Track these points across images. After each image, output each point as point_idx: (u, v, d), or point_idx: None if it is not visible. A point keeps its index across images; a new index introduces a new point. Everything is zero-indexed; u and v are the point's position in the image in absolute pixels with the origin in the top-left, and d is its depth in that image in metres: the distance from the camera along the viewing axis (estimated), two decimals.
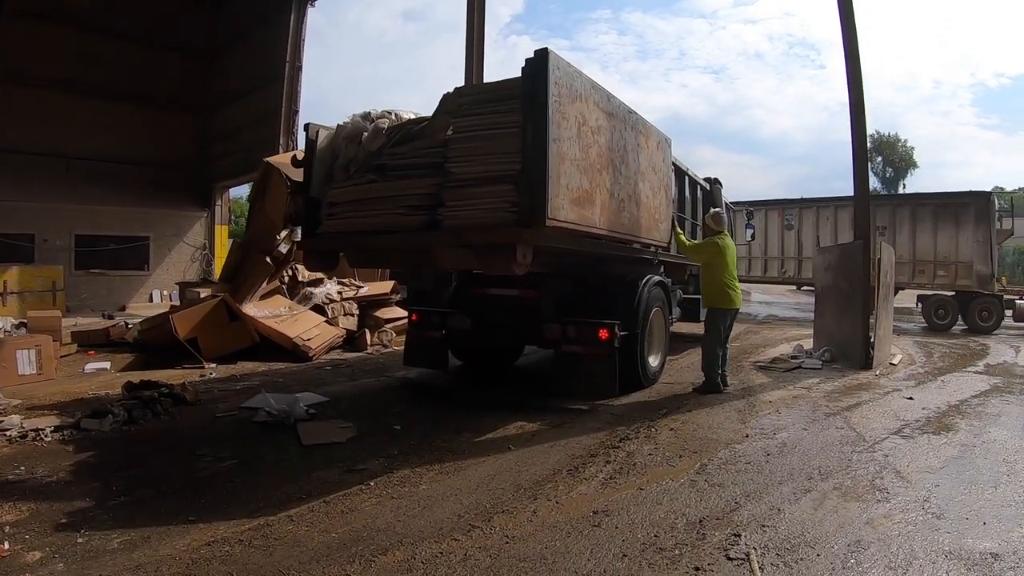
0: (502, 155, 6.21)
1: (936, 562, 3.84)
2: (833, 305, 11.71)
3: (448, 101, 6.84)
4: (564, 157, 6.32)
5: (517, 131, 6.14)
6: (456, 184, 6.46)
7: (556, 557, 3.88)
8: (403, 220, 6.72)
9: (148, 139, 21.49)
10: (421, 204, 6.64)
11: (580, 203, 6.67)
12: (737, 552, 3.94)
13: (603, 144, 7.19)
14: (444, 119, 6.80)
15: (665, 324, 9.42)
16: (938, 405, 7.93)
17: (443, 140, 6.69)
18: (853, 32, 10.46)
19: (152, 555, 3.91)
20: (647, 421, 7.01)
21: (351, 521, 4.43)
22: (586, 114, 6.79)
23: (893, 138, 64.40)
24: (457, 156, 6.49)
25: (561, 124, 6.26)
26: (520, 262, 6.16)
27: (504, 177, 6.18)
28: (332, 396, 8.07)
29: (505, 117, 6.25)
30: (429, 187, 6.61)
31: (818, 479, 5.26)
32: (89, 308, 18.37)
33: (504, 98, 6.36)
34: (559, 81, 6.22)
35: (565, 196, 6.35)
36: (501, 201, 6.15)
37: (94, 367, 9.97)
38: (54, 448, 6.02)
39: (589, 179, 6.87)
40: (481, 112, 6.46)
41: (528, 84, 6.14)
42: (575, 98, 6.56)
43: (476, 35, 14.01)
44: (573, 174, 6.51)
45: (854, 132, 10.60)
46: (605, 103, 7.26)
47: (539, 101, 6.03)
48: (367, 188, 7.08)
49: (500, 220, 6.16)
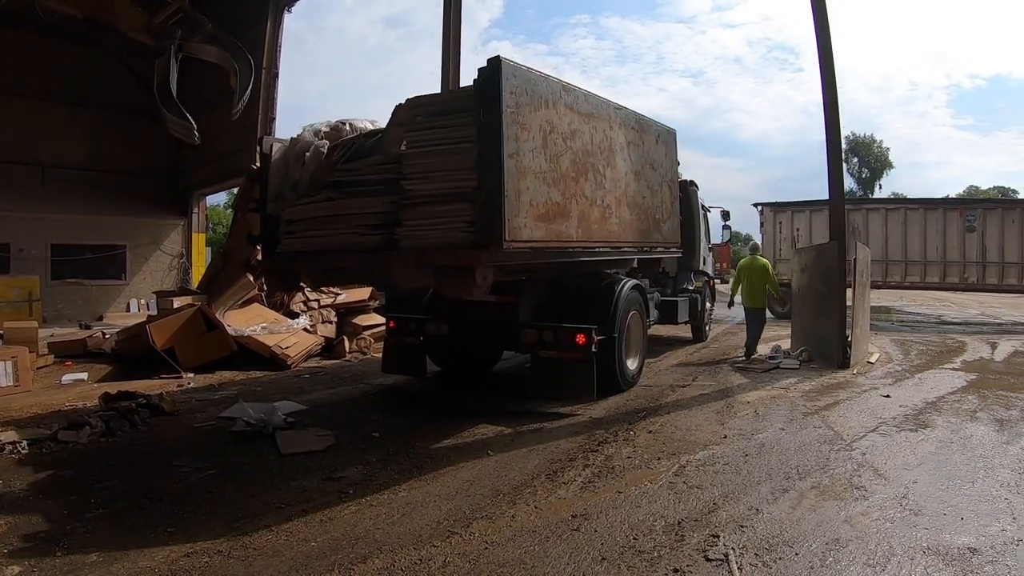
0: (457, 172, 6.06)
1: (914, 558, 3.89)
2: (810, 305, 11.78)
3: (401, 113, 6.65)
4: (525, 172, 6.15)
5: (471, 146, 5.96)
6: (412, 202, 6.31)
7: (535, 562, 3.90)
8: (360, 240, 6.58)
9: (124, 147, 21.21)
10: (378, 223, 6.50)
11: (550, 218, 6.53)
12: (716, 553, 3.97)
13: (579, 149, 7.06)
14: (397, 132, 6.63)
15: (643, 327, 9.44)
16: (915, 402, 8.00)
17: (397, 155, 6.51)
18: (827, 34, 10.54)
19: (131, 568, 3.89)
20: (626, 424, 7.03)
21: (330, 530, 4.43)
22: (554, 120, 6.62)
23: (868, 139, 64.83)
24: (412, 173, 6.31)
25: (520, 136, 6.08)
26: (479, 284, 6.03)
27: (459, 195, 6.04)
28: (310, 404, 8.05)
29: (459, 131, 6.09)
30: (385, 205, 6.46)
31: (796, 478, 5.31)
32: (66, 318, 18.15)
33: (458, 110, 6.19)
34: (516, 89, 6.04)
35: (529, 213, 6.19)
36: (457, 220, 6.02)
37: (71, 378, 9.87)
38: (31, 460, 5.96)
39: (561, 190, 6.72)
40: (435, 125, 6.28)
41: (480, 96, 5.95)
42: (539, 105, 6.38)
43: (452, 41, 14.00)
44: (538, 188, 6.34)
45: (828, 133, 10.67)
46: (581, 104, 7.14)
47: (492, 113, 5.85)
48: (323, 206, 6.90)
49: (457, 240, 6.02)
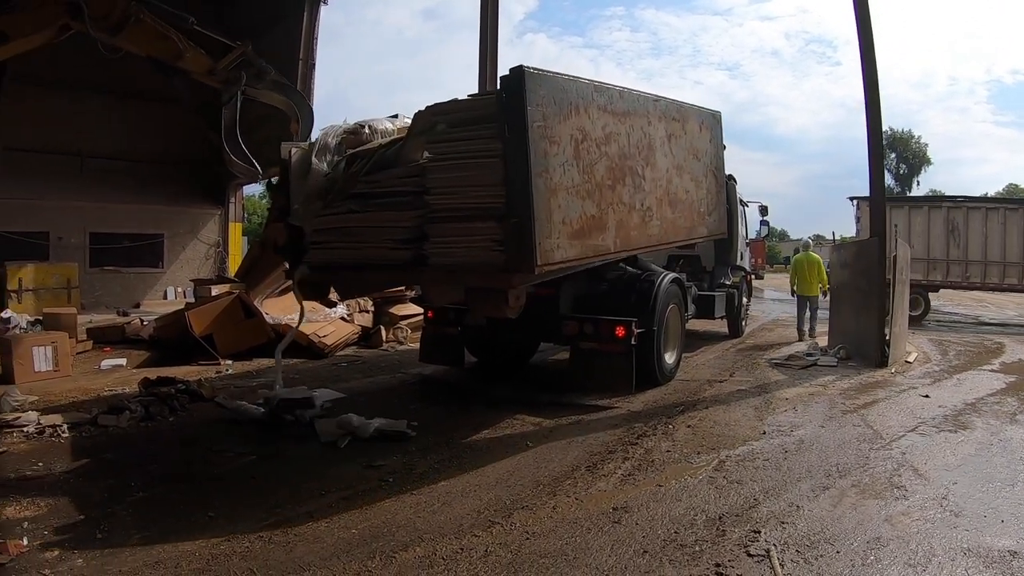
0: (483, 188, 5.80)
1: (955, 559, 3.84)
2: (849, 303, 11.65)
3: (421, 121, 6.35)
4: (556, 189, 5.86)
5: (497, 160, 5.66)
6: (438, 217, 6.10)
7: (577, 553, 3.89)
8: (390, 254, 6.39)
9: (160, 137, 21.39)
10: (406, 238, 6.28)
11: (584, 234, 6.30)
12: (757, 549, 3.95)
13: (614, 154, 6.82)
14: (417, 141, 6.34)
15: (681, 321, 9.42)
16: (954, 403, 7.88)
17: (420, 167, 6.22)
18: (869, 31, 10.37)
19: (172, 551, 3.92)
20: (664, 418, 7.01)
21: (371, 517, 4.45)
22: (586, 127, 6.34)
23: (906, 134, 63.80)
24: (436, 187, 6.05)
25: (549, 151, 5.77)
26: (512, 306, 5.94)
27: (487, 213, 5.79)
28: (348, 393, 8.09)
29: (483, 143, 5.78)
30: (412, 219, 6.21)
31: (836, 476, 5.26)
32: (104, 305, 18.38)
33: (481, 119, 5.90)
34: (542, 100, 5.71)
35: (561, 233, 5.93)
36: (486, 240, 5.78)
37: (110, 364, 10.00)
38: (71, 444, 6.05)
39: (596, 202, 6.48)
40: (457, 137, 5.98)
41: (504, 111, 5.64)
42: (568, 112, 6.08)
43: (490, 34, 13.92)
44: (571, 204, 6.08)
45: (870, 129, 10.51)
46: (616, 103, 6.93)
47: (517, 130, 5.53)
48: (350, 218, 6.67)
49: (488, 260, 5.77)
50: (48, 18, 6.95)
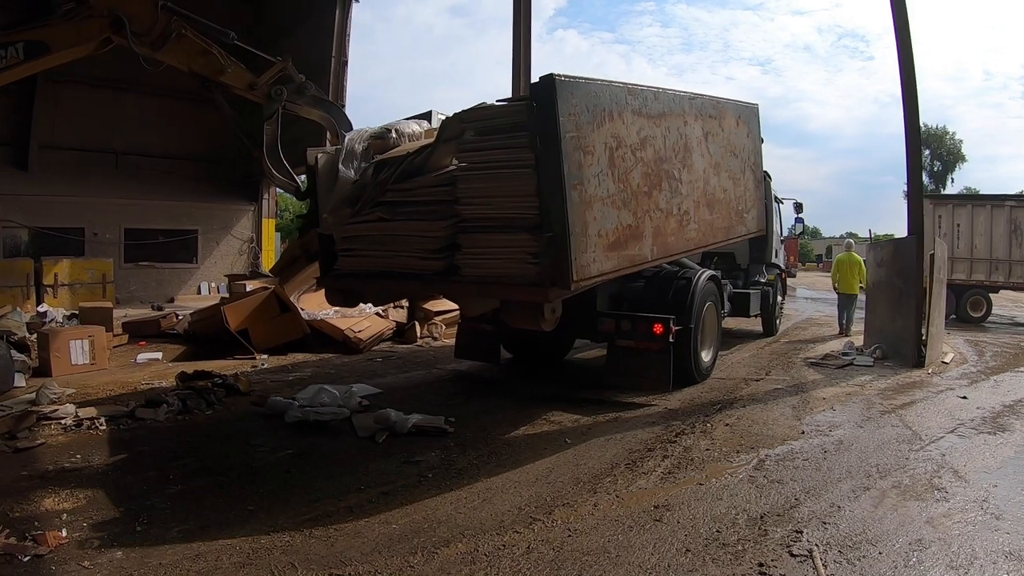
0: (515, 198, 5.64)
1: (997, 563, 3.81)
2: (885, 302, 11.51)
3: (449, 127, 6.18)
4: (591, 201, 5.68)
5: (529, 171, 5.48)
6: (470, 227, 5.97)
7: (619, 551, 3.89)
8: (422, 264, 6.28)
9: (195, 134, 21.65)
10: (438, 247, 6.14)
11: (621, 244, 6.16)
12: (800, 549, 3.92)
13: (650, 159, 6.65)
14: (446, 148, 6.19)
15: (718, 319, 9.36)
16: (992, 405, 7.77)
17: (450, 176, 6.05)
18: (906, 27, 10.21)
19: (212, 545, 3.96)
20: (702, 416, 6.98)
21: (411, 513, 4.48)
22: (621, 133, 6.15)
23: (941, 131, 62.75)
24: (467, 196, 5.89)
25: (584, 162, 5.60)
26: (548, 319, 5.81)
27: (520, 224, 5.64)
28: (385, 388, 8.15)
29: (515, 153, 5.58)
30: (443, 229, 6.06)
31: (876, 477, 5.22)
32: (138, 300, 18.69)
33: (511, 127, 5.65)
34: (575, 109, 5.50)
35: (597, 246, 5.78)
36: (521, 252, 5.65)
37: (146, 357, 10.16)
38: (109, 437, 6.14)
39: (632, 210, 6.31)
40: (487, 146, 5.80)
41: (535, 122, 5.42)
42: (602, 119, 5.88)
43: (523, 31, 13.86)
44: (607, 215, 5.91)
45: (907, 128, 10.37)
46: (650, 105, 6.75)
47: (550, 142, 5.33)
48: (380, 226, 6.52)
49: (522, 273, 5.66)
50: (90, 32, 7.01)
